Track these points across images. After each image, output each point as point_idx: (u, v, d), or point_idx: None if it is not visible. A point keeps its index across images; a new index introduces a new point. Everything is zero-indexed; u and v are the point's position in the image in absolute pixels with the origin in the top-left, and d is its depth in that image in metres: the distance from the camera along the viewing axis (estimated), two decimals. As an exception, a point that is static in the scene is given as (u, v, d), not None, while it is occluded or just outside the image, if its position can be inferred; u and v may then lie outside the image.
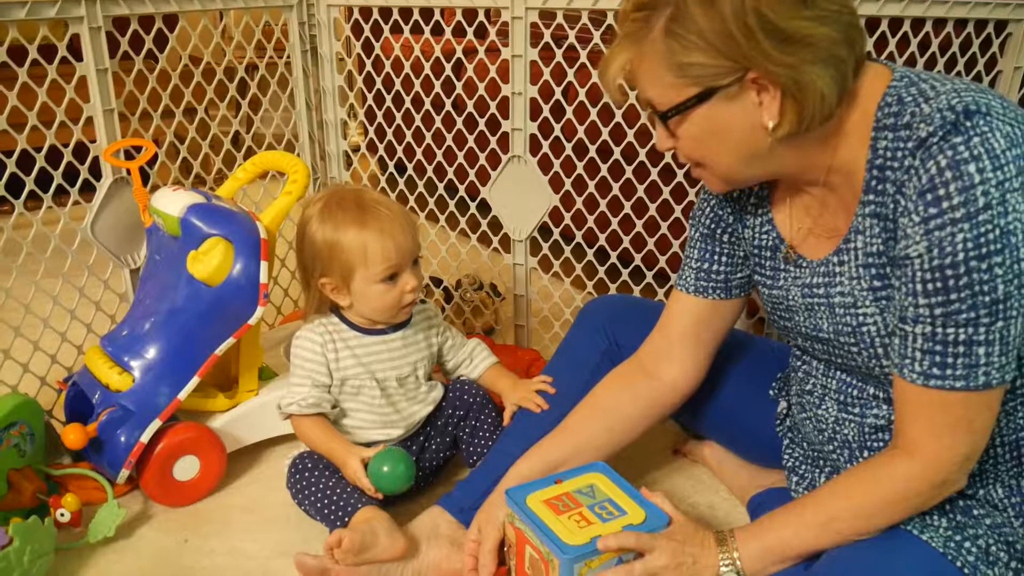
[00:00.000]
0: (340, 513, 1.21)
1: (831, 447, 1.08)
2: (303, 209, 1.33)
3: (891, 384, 0.97)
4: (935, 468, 0.90)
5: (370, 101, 1.88)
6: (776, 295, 1.09)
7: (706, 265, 1.15)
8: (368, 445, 1.32)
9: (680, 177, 1.57)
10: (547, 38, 1.58)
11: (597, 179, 1.64)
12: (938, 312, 0.84)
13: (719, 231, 1.14)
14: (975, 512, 0.94)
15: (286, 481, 1.30)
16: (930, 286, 0.84)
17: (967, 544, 0.90)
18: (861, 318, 0.95)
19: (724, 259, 1.15)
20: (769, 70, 0.84)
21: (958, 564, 0.89)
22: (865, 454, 1.03)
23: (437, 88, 1.77)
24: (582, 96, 1.60)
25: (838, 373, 1.06)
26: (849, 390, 1.04)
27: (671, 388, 1.20)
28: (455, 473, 1.45)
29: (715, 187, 1.01)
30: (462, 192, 1.86)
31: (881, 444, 1.01)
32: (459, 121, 1.76)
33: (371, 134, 1.94)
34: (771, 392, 1.26)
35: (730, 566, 0.99)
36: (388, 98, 1.82)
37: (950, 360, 0.85)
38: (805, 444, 1.17)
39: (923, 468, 0.90)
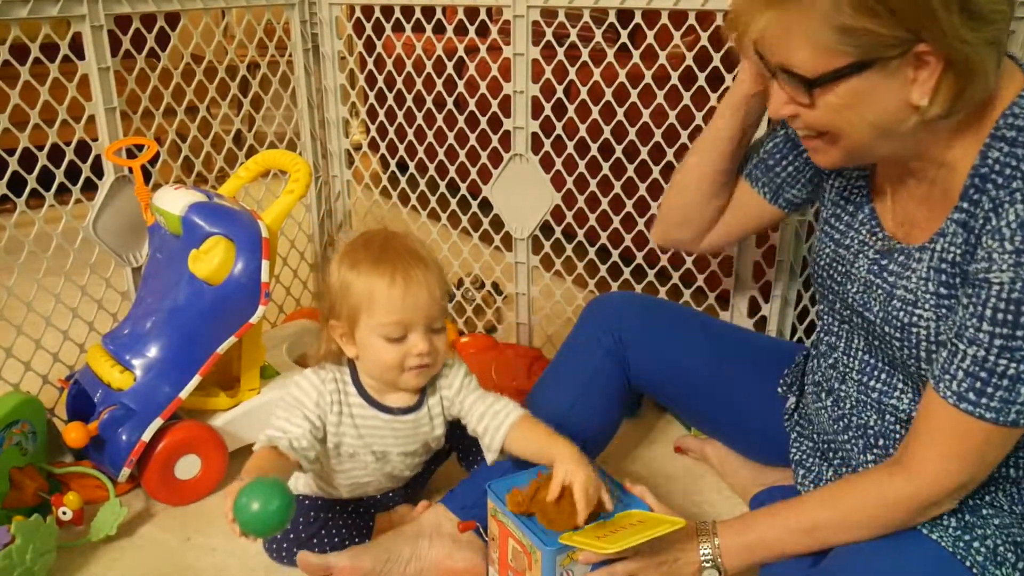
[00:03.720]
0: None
1: (846, 436, 1.07)
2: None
3: (921, 381, 0.96)
4: (930, 491, 0.90)
5: (372, 99, 1.88)
6: (841, 255, 1.06)
7: (771, 161, 1.15)
8: (356, 493, 1.26)
9: (682, 175, 1.56)
10: (549, 36, 1.58)
11: (599, 177, 1.63)
12: (998, 342, 0.83)
13: (803, 148, 1.10)
14: (983, 512, 0.94)
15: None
16: (1000, 316, 0.82)
17: (975, 544, 0.90)
18: (915, 318, 0.94)
19: (791, 169, 1.14)
20: (947, 45, 0.79)
21: (967, 564, 0.89)
22: (880, 442, 1.03)
23: (439, 86, 1.77)
24: (584, 94, 1.59)
25: (863, 355, 1.05)
26: (873, 372, 1.04)
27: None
28: (455, 473, 1.45)
29: (828, 161, 0.95)
30: (464, 190, 1.86)
31: (898, 436, 1.01)
32: (461, 119, 1.76)
33: (373, 132, 1.94)
34: (780, 388, 1.25)
35: (710, 562, 1.00)
36: (390, 96, 1.82)
37: (990, 390, 0.84)
38: (815, 436, 1.17)
39: (918, 489, 0.90)
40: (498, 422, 1.17)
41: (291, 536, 1.21)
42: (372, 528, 1.26)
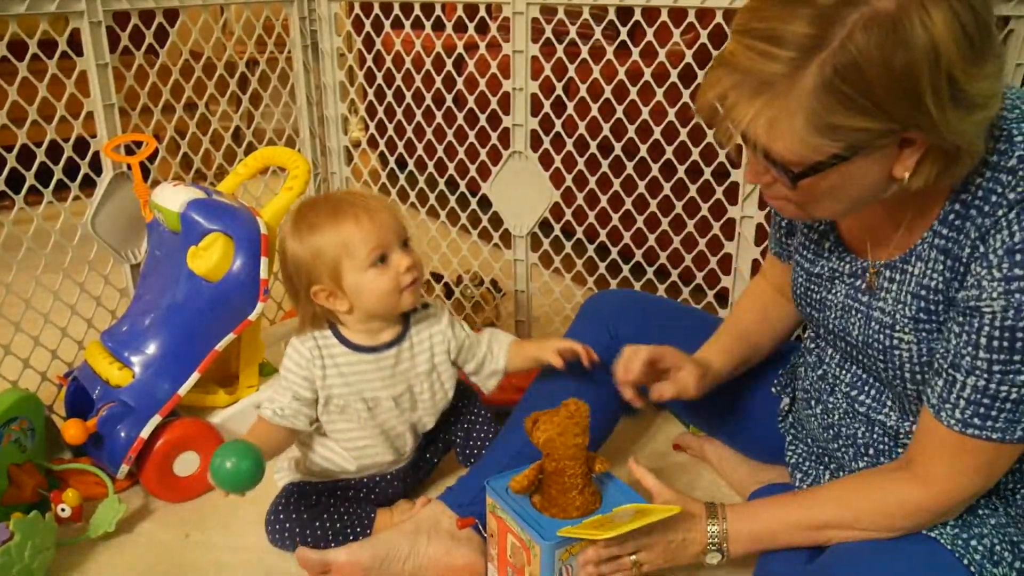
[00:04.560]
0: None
1: (836, 445, 1.07)
2: (280, 230, 1.27)
3: (907, 400, 0.97)
4: (943, 501, 0.90)
5: (371, 97, 1.88)
6: (815, 283, 1.06)
7: (780, 235, 1.17)
8: (359, 474, 1.30)
9: (681, 173, 1.57)
10: (548, 33, 1.58)
11: (598, 175, 1.63)
12: (996, 368, 0.83)
13: None
14: (979, 511, 0.94)
15: (267, 527, 1.26)
16: (995, 343, 0.82)
17: (973, 542, 0.91)
18: (896, 341, 0.94)
19: (790, 233, 1.14)
20: (937, 135, 0.76)
21: (965, 562, 0.89)
22: (871, 451, 1.03)
23: (438, 84, 1.76)
24: (583, 92, 1.59)
25: (854, 367, 1.05)
26: (863, 387, 1.04)
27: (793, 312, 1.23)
28: (453, 469, 1.45)
29: (796, 217, 0.93)
30: (463, 188, 1.86)
31: (886, 448, 1.02)
32: (460, 117, 1.76)
33: (372, 130, 1.94)
34: (774, 389, 1.25)
35: (716, 546, 1.00)
36: (389, 94, 1.82)
37: (994, 414, 0.84)
38: (809, 440, 1.17)
39: (932, 499, 0.90)
40: (500, 341, 1.33)
41: (293, 516, 1.23)
42: (373, 520, 1.27)
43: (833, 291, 1.03)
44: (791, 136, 0.78)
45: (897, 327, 0.93)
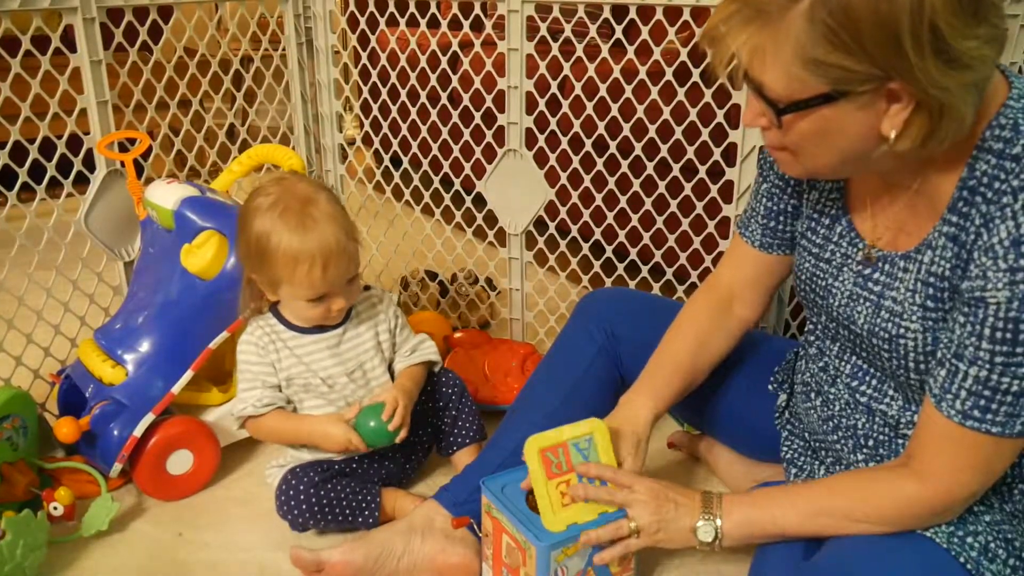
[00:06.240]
0: (366, 510, 1.27)
1: (835, 437, 1.07)
2: (253, 194, 1.25)
3: (911, 389, 0.97)
4: (943, 498, 0.90)
5: (366, 94, 1.87)
6: (822, 268, 1.06)
7: (772, 223, 1.14)
8: (342, 461, 1.32)
9: (676, 171, 1.57)
10: (543, 31, 1.58)
11: (593, 173, 1.63)
12: (999, 360, 0.83)
13: (788, 188, 1.11)
14: (974, 508, 0.94)
15: (279, 508, 1.27)
16: (999, 334, 0.82)
17: (969, 539, 0.91)
18: (902, 330, 0.94)
19: (791, 218, 1.13)
20: (921, 88, 0.78)
21: (961, 560, 0.89)
22: (870, 442, 1.03)
23: (433, 81, 1.76)
24: (578, 90, 1.59)
25: (854, 359, 1.05)
26: (865, 377, 1.04)
27: (741, 322, 1.22)
28: (445, 469, 1.45)
29: (793, 173, 0.96)
30: (457, 186, 1.85)
31: (885, 439, 1.02)
32: (455, 114, 1.76)
33: (367, 127, 1.93)
34: (771, 386, 1.25)
35: (710, 523, 1.01)
36: (384, 91, 1.81)
37: (994, 406, 0.84)
38: (806, 435, 1.17)
39: (931, 496, 0.90)
40: (418, 352, 1.38)
41: (301, 495, 1.24)
42: (379, 500, 1.28)
43: (840, 279, 1.03)
44: (777, 66, 0.81)
45: (905, 315, 0.93)
